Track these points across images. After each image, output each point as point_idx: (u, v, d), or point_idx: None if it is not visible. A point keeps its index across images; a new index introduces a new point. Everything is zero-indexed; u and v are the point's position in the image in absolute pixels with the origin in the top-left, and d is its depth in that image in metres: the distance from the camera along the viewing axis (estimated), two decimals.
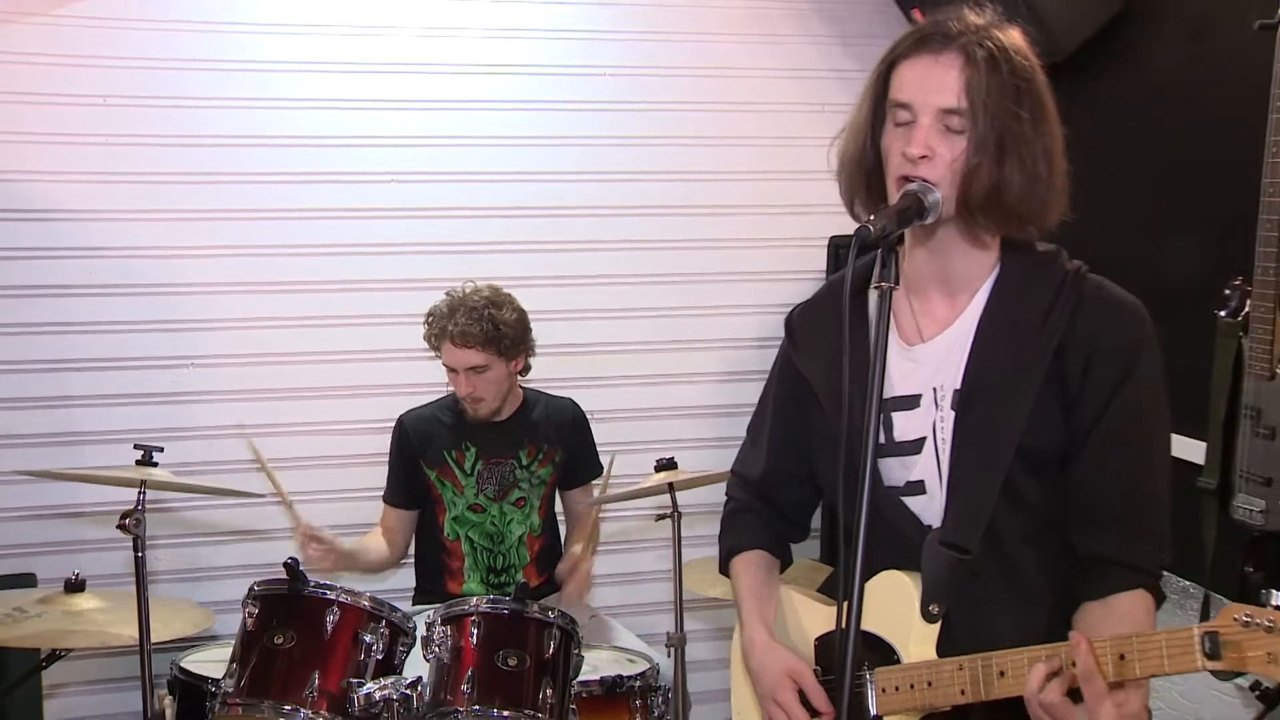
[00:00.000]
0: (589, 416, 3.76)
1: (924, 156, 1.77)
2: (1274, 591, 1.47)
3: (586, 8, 4.03)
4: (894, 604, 1.88)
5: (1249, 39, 2.72)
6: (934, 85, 1.78)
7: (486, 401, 3.53)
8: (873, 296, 1.93)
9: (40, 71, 3.68)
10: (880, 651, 1.89)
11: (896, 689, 1.85)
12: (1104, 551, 1.80)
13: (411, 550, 3.75)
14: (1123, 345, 1.82)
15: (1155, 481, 1.84)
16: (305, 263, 3.89)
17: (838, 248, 4.04)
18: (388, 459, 3.69)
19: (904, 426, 1.92)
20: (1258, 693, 2.72)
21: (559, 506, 3.81)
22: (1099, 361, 1.81)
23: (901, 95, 1.81)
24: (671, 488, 3.19)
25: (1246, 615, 1.47)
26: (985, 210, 1.79)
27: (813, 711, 1.97)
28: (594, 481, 3.77)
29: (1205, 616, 3.02)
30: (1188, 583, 2.98)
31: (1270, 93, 2.66)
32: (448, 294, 3.50)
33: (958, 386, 1.87)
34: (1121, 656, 1.59)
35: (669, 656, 3.15)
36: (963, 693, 1.76)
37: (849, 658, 1.62)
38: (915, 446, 1.91)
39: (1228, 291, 2.82)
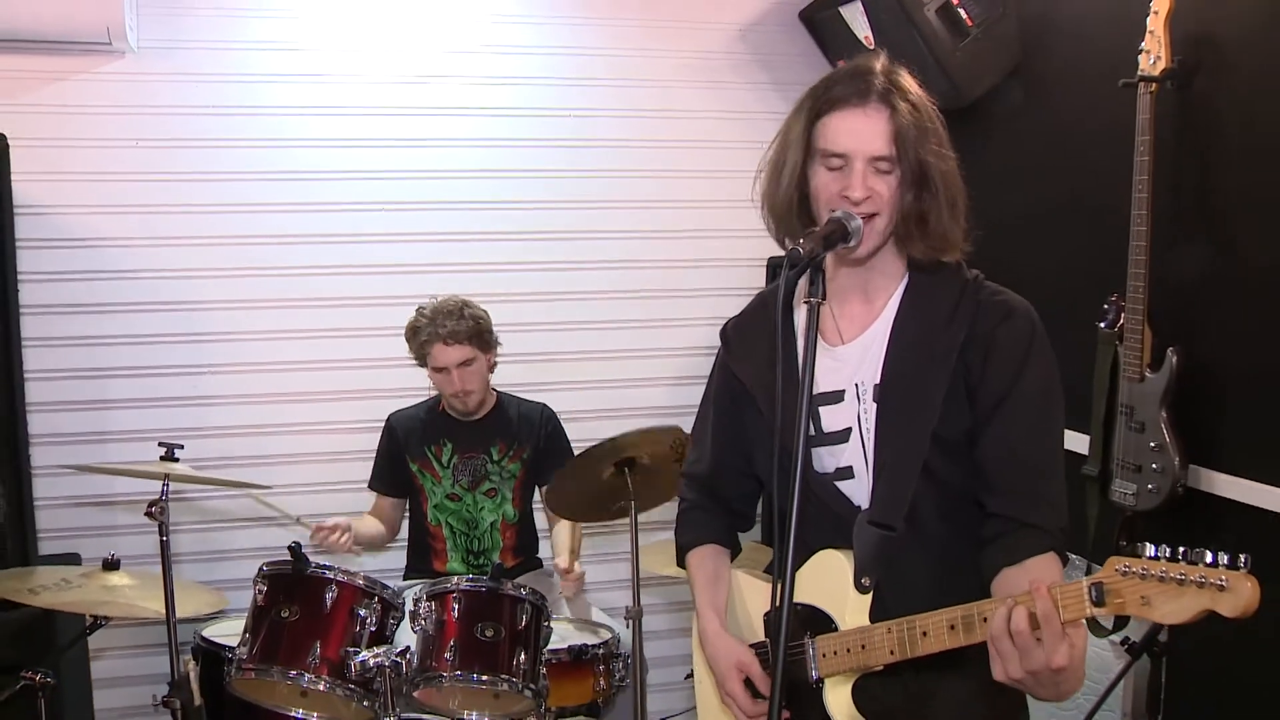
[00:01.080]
0: (559, 417, 3.70)
1: (867, 198, 1.77)
2: (1148, 544, 1.46)
3: (554, 57, 3.98)
4: (831, 579, 1.86)
5: (1118, 93, 2.73)
6: (866, 136, 1.77)
7: (475, 393, 3.46)
8: (800, 308, 1.92)
9: (81, 120, 3.64)
10: (821, 621, 1.87)
11: (835, 653, 1.83)
12: (1016, 514, 1.78)
13: (404, 534, 3.70)
14: (1015, 341, 1.82)
15: (1052, 453, 1.84)
16: (306, 282, 3.84)
17: (774, 267, 4.03)
18: (374, 453, 3.65)
19: (831, 419, 1.89)
20: (1126, 646, 2.75)
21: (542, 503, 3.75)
22: (996, 355, 1.81)
23: (837, 147, 1.79)
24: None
25: (1125, 566, 1.48)
26: (916, 232, 1.80)
27: (763, 697, 1.91)
28: None
29: None
30: (1074, 556, 2.99)
31: (1135, 139, 2.69)
32: (418, 310, 3.45)
33: (877, 381, 1.85)
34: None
35: (628, 628, 3.09)
36: (892, 653, 1.74)
37: (784, 628, 1.60)
38: (842, 436, 1.88)
39: (1105, 306, 2.86)
